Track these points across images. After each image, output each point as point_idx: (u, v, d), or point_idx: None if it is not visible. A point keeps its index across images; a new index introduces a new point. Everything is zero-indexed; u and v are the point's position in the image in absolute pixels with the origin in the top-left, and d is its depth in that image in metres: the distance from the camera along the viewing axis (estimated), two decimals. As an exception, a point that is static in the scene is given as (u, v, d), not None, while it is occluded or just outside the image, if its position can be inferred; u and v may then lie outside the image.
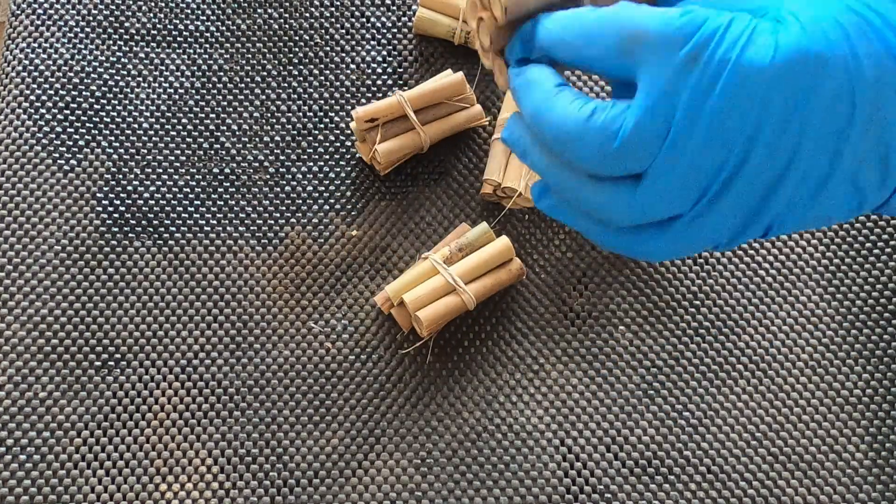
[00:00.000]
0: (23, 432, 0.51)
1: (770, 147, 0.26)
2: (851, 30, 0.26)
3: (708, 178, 0.27)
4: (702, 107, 0.26)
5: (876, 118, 0.26)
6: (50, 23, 0.63)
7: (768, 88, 0.25)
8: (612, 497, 0.52)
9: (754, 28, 0.26)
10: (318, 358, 0.55)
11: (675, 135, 0.26)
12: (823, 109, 0.26)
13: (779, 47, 0.25)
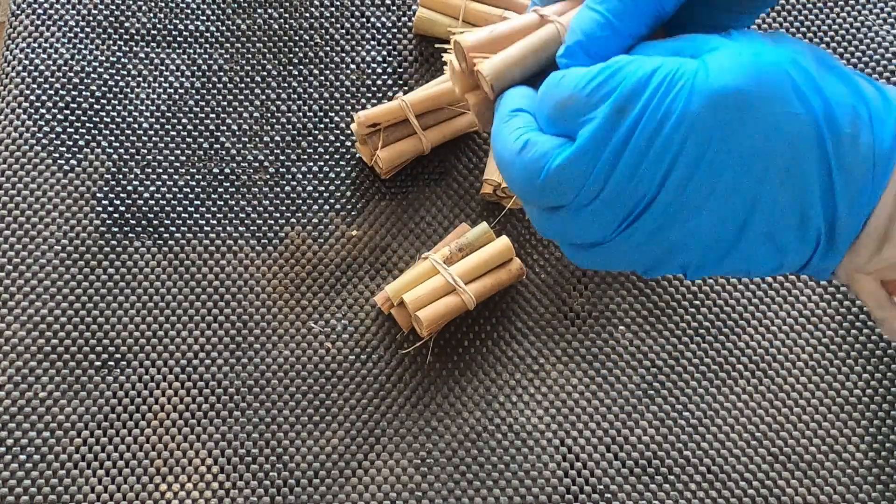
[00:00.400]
0: (23, 432, 0.51)
1: (681, 190, 0.27)
2: (776, 83, 0.26)
3: (623, 215, 0.28)
4: (622, 153, 0.27)
5: (794, 172, 0.27)
6: (50, 23, 0.63)
7: (683, 135, 0.26)
8: (612, 497, 0.52)
9: (675, 73, 0.27)
10: (318, 358, 0.55)
11: (595, 179, 0.28)
12: (738, 157, 0.26)
13: (694, 94, 0.26)
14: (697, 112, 0.26)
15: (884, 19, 0.67)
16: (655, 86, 0.26)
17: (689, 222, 0.28)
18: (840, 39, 0.66)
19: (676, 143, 0.26)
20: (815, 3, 0.68)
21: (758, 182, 0.27)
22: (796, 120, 0.26)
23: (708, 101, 0.26)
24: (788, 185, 0.27)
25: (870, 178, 0.27)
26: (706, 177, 0.27)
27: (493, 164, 0.59)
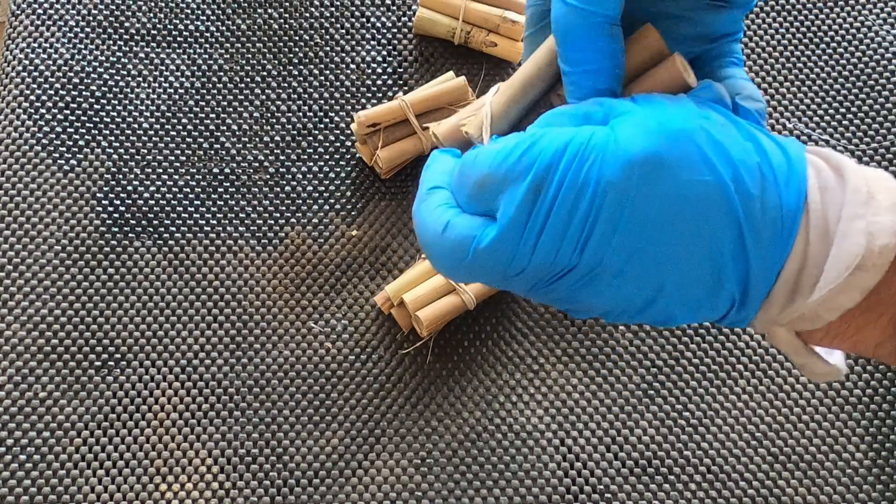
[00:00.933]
0: (23, 432, 0.51)
1: (599, 258, 0.28)
2: (683, 150, 0.27)
3: (545, 280, 0.29)
4: (543, 229, 0.28)
5: (706, 236, 0.27)
6: (50, 23, 0.63)
7: (598, 206, 0.27)
8: (612, 497, 0.52)
9: (587, 145, 0.27)
10: (318, 358, 0.55)
11: (520, 258, 0.28)
12: (651, 224, 0.27)
13: (605, 165, 0.27)
14: (610, 182, 0.27)
15: (884, 19, 0.67)
16: (569, 159, 0.27)
17: (606, 285, 0.28)
18: (840, 39, 0.67)
19: (593, 215, 0.27)
20: (815, 3, 0.68)
21: (671, 247, 0.28)
22: (705, 186, 0.27)
23: (619, 171, 0.27)
24: (701, 249, 0.28)
25: (778, 238, 0.27)
26: (622, 245, 0.27)
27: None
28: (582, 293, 0.29)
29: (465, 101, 0.59)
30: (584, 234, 0.27)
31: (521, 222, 0.28)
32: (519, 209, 0.28)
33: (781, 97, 0.64)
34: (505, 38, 0.62)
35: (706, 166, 0.27)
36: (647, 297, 0.29)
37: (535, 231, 0.28)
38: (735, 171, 0.27)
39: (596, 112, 0.29)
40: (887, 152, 0.63)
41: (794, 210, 0.27)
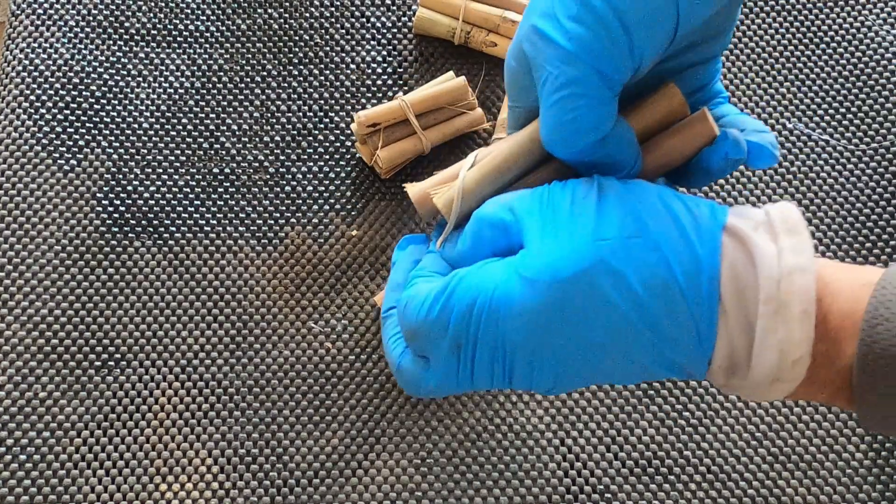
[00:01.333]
0: (23, 432, 0.51)
1: (529, 381, 0.31)
2: (585, 292, 0.29)
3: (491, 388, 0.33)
4: (474, 372, 0.32)
5: (627, 356, 0.30)
6: (50, 23, 0.63)
7: (512, 350, 0.30)
8: (612, 497, 0.52)
9: (491, 302, 0.30)
10: (318, 358, 0.55)
11: (461, 388, 0.33)
12: (564, 360, 0.30)
13: (511, 318, 0.30)
14: (514, 341, 0.30)
15: (884, 19, 0.67)
16: (476, 320, 0.30)
17: (544, 391, 0.32)
18: (840, 39, 0.67)
19: (509, 363, 0.30)
20: (815, 3, 0.68)
21: (591, 370, 0.31)
22: (604, 327, 0.29)
23: (521, 330, 0.29)
24: (622, 366, 0.30)
25: (696, 339, 0.28)
26: (544, 376, 0.31)
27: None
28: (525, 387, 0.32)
29: (464, 100, 0.59)
30: (506, 374, 0.31)
31: (451, 372, 0.32)
32: (446, 364, 0.31)
33: (781, 97, 0.64)
34: (505, 38, 0.62)
35: (603, 307, 0.29)
36: (587, 382, 0.32)
37: (467, 375, 0.32)
38: (636, 299, 0.28)
39: (513, 225, 0.32)
40: (887, 152, 0.63)
41: (707, 311, 0.28)
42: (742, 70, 0.65)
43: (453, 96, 0.59)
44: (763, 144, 0.33)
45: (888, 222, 0.60)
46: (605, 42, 0.30)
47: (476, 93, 0.61)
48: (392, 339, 0.35)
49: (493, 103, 0.63)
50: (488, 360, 0.31)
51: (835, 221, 0.61)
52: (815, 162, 0.62)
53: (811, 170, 0.62)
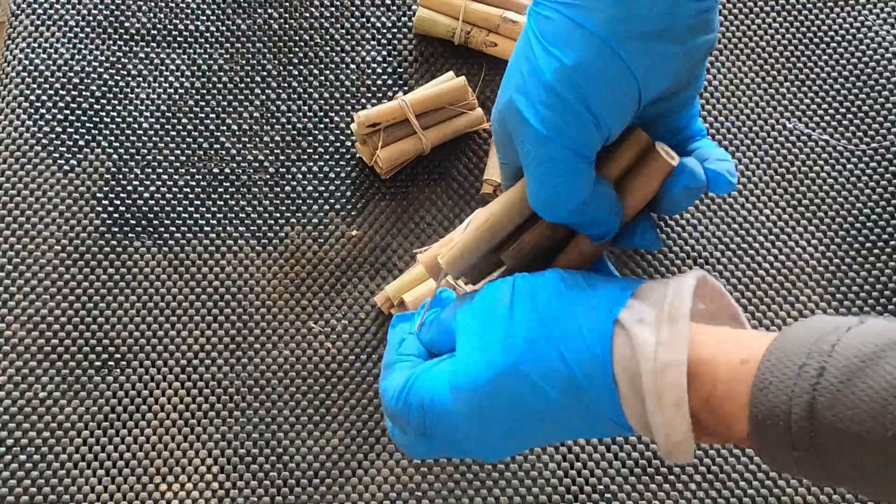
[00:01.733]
0: (23, 432, 0.51)
1: (486, 450, 0.36)
2: (510, 391, 0.33)
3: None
4: (441, 449, 0.37)
5: (541, 438, 0.35)
6: (50, 23, 0.63)
7: (466, 437, 0.35)
8: (612, 497, 0.52)
9: (432, 402, 0.35)
10: (318, 358, 0.55)
11: (444, 455, 0.38)
12: (496, 444, 0.35)
13: (445, 421, 0.35)
14: (451, 437, 0.35)
15: (884, 19, 0.67)
16: (429, 418, 0.35)
17: (495, 460, 0.37)
18: (840, 39, 0.67)
19: (458, 446, 0.36)
20: (815, 3, 0.68)
21: (537, 440, 0.35)
22: (530, 411, 0.33)
23: (459, 422, 0.34)
24: (565, 434, 0.34)
25: (610, 420, 0.32)
26: (495, 449, 0.36)
27: (492, 163, 0.59)
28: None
29: (464, 100, 0.59)
30: (462, 453, 0.36)
31: (425, 451, 0.37)
32: (418, 444, 0.37)
33: (781, 97, 0.64)
34: (505, 38, 0.62)
35: (520, 405, 0.33)
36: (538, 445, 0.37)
37: (438, 450, 0.37)
38: (546, 396, 0.32)
39: (453, 327, 0.37)
40: (887, 152, 0.63)
41: (610, 402, 0.32)
42: (742, 70, 0.65)
43: (453, 96, 0.59)
44: (720, 172, 0.36)
45: (888, 222, 0.60)
46: (574, 126, 0.33)
47: (476, 93, 0.61)
48: (385, 412, 0.39)
49: (493, 103, 0.63)
50: (442, 445, 0.36)
51: (835, 221, 0.60)
52: (815, 162, 0.62)
53: (811, 170, 0.62)
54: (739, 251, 0.59)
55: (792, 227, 0.60)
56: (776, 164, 0.62)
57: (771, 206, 0.61)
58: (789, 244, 0.60)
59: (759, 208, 0.61)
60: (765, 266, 0.59)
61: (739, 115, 0.64)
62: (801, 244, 0.60)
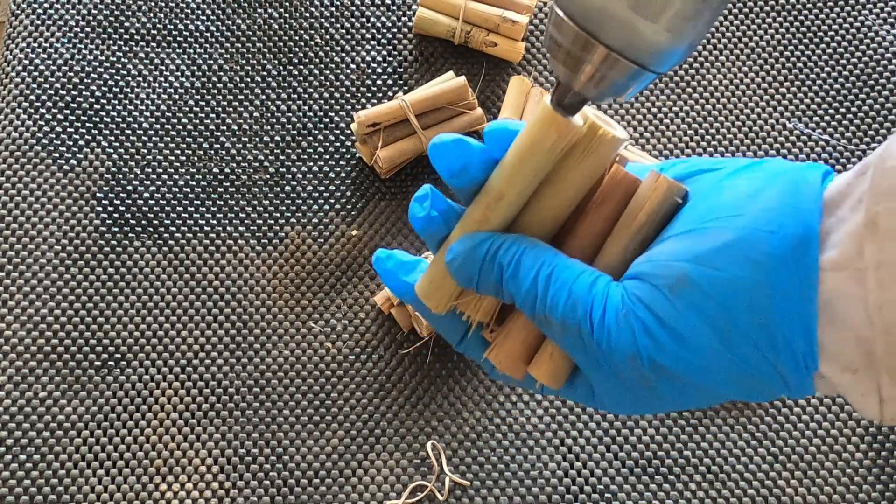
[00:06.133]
0: (23, 432, 0.51)
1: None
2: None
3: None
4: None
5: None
6: (50, 23, 0.63)
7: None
8: (612, 497, 0.52)
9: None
10: (318, 358, 0.55)
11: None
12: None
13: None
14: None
15: (884, 19, 0.67)
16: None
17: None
18: (840, 39, 0.66)
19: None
20: (815, 3, 0.68)
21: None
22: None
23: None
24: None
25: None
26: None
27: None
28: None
29: (464, 100, 0.59)
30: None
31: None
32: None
33: (781, 97, 0.64)
34: (505, 38, 0.62)
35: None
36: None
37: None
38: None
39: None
40: (887, 152, 0.63)
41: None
42: (742, 70, 0.65)
43: (453, 96, 0.59)
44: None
45: (888, 222, 0.60)
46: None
47: (476, 93, 0.61)
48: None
49: (493, 103, 0.63)
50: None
51: (835, 221, 0.60)
52: (815, 162, 0.62)
53: (811, 170, 0.62)
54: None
55: (792, 227, 0.60)
56: (776, 164, 0.62)
57: (771, 206, 0.61)
58: (789, 244, 0.59)
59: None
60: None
61: (739, 115, 0.64)
62: (801, 244, 0.60)
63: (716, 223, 0.28)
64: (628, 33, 0.27)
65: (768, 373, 0.28)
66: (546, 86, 0.64)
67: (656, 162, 0.33)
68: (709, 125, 0.63)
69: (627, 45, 0.27)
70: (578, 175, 0.30)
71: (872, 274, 0.25)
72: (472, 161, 0.31)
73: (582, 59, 0.28)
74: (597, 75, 0.28)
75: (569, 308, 0.29)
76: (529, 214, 0.31)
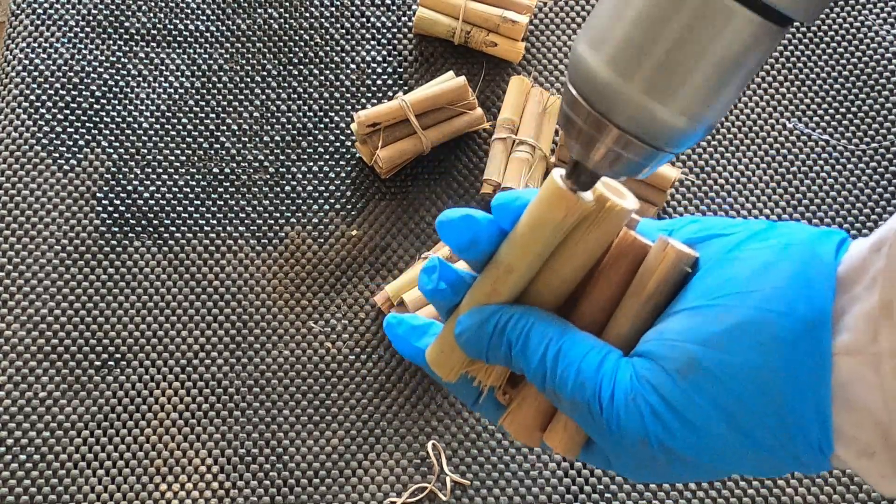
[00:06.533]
0: (23, 432, 0.51)
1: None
2: None
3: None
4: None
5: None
6: (50, 23, 0.63)
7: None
8: (612, 497, 0.52)
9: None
10: (318, 358, 0.55)
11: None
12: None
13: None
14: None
15: (884, 19, 0.67)
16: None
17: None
18: (840, 39, 0.66)
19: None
20: (815, 3, 0.68)
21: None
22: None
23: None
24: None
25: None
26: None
27: (493, 164, 0.59)
28: None
29: (464, 100, 0.59)
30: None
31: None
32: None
33: (781, 97, 0.64)
34: (505, 38, 0.62)
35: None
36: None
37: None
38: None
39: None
40: (887, 152, 0.63)
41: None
42: (742, 70, 0.65)
43: (453, 96, 0.59)
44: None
45: (888, 222, 0.60)
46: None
47: (476, 93, 0.61)
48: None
49: (493, 103, 0.63)
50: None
51: (835, 221, 0.60)
52: (815, 162, 0.62)
53: (811, 170, 0.62)
54: (739, 251, 0.59)
55: (792, 227, 0.60)
56: (776, 164, 0.62)
57: (771, 206, 0.61)
58: (789, 244, 0.59)
59: (759, 208, 0.61)
60: (765, 266, 0.59)
61: (739, 115, 0.64)
62: (801, 244, 0.60)
63: (725, 300, 0.27)
64: (642, 117, 0.26)
65: (782, 456, 0.27)
66: (546, 85, 0.64)
67: (664, 222, 0.32)
68: (709, 125, 0.63)
69: (641, 128, 0.26)
70: (587, 246, 0.30)
71: (888, 360, 0.25)
72: (480, 235, 0.30)
73: (595, 138, 0.27)
74: (610, 155, 0.27)
75: (577, 388, 0.29)
76: (539, 284, 0.31)
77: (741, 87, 0.27)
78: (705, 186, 0.61)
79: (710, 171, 0.62)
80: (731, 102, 0.27)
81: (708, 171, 0.61)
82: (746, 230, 0.29)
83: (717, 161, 0.62)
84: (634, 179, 0.54)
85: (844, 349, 0.26)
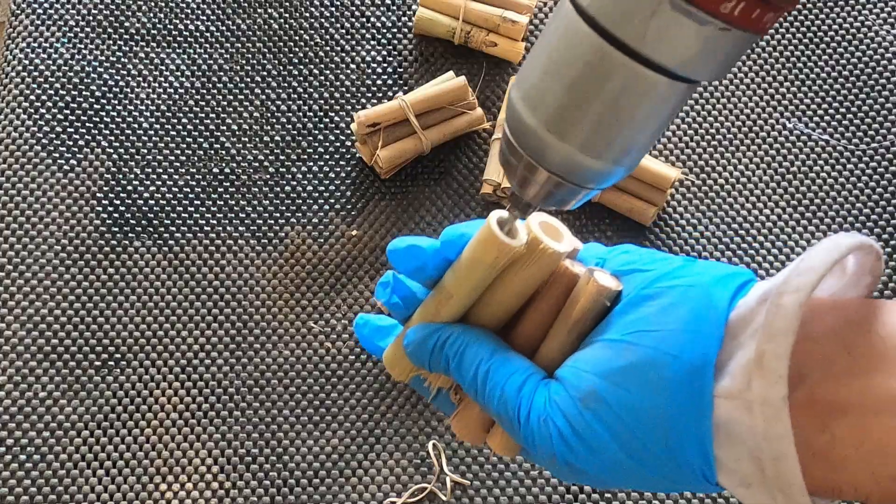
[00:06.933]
0: (23, 432, 0.51)
1: None
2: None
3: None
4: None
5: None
6: (50, 23, 0.63)
7: None
8: (612, 497, 0.52)
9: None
10: (318, 358, 0.55)
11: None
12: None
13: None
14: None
15: (884, 19, 0.67)
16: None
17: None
18: (840, 39, 0.66)
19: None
20: (815, 3, 0.68)
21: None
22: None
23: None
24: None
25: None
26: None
27: (493, 164, 0.59)
28: None
29: (464, 100, 0.59)
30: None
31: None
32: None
33: (781, 97, 0.64)
34: (505, 38, 0.62)
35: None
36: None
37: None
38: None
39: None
40: (887, 152, 0.63)
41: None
42: (742, 70, 0.65)
43: (453, 96, 0.59)
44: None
45: (888, 222, 0.60)
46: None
47: (476, 93, 0.61)
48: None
49: (493, 103, 0.63)
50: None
51: (835, 221, 0.60)
52: (815, 162, 0.62)
53: (811, 170, 0.62)
54: (739, 251, 0.59)
55: (792, 227, 0.60)
56: (776, 164, 0.62)
57: (771, 206, 0.61)
58: (789, 244, 0.60)
59: (758, 208, 0.61)
60: (765, 266, 0.59)
61: (739, 115, 0.64)
62: (802, 244, 0.60)
63: (632, 337, 0.30)
64: (573, 165, 0.29)
65: (674, 480, 0.30)
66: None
67: (604, 249, 0.35)
68: (709, 125, 0.63)
69: (571, 173, 0.30)
70: (522, 280, 0.33)
71: (758, 407, 0.27)
72: (426, 263, 0.34)
73: (530, 179, 0.31)
74: (542, 191, 0.31)
75: (501, 405, 0.32)
76: (480, 307, 0.34)
77: (663, 129, 0.30)
78: (705, 186, 0.61)
79: (710, 171, 0.62)
80: (654, 141, 0.31)
81: (708, 171, 0.61)
82: (665, 266, 0.32)
83: (717, 161, 0.62)
84: (635, 179, 0.56)
85: (725, 393, 0.28)
